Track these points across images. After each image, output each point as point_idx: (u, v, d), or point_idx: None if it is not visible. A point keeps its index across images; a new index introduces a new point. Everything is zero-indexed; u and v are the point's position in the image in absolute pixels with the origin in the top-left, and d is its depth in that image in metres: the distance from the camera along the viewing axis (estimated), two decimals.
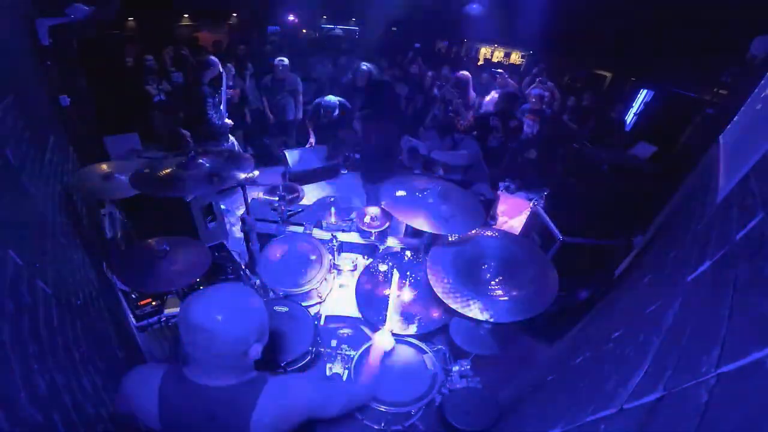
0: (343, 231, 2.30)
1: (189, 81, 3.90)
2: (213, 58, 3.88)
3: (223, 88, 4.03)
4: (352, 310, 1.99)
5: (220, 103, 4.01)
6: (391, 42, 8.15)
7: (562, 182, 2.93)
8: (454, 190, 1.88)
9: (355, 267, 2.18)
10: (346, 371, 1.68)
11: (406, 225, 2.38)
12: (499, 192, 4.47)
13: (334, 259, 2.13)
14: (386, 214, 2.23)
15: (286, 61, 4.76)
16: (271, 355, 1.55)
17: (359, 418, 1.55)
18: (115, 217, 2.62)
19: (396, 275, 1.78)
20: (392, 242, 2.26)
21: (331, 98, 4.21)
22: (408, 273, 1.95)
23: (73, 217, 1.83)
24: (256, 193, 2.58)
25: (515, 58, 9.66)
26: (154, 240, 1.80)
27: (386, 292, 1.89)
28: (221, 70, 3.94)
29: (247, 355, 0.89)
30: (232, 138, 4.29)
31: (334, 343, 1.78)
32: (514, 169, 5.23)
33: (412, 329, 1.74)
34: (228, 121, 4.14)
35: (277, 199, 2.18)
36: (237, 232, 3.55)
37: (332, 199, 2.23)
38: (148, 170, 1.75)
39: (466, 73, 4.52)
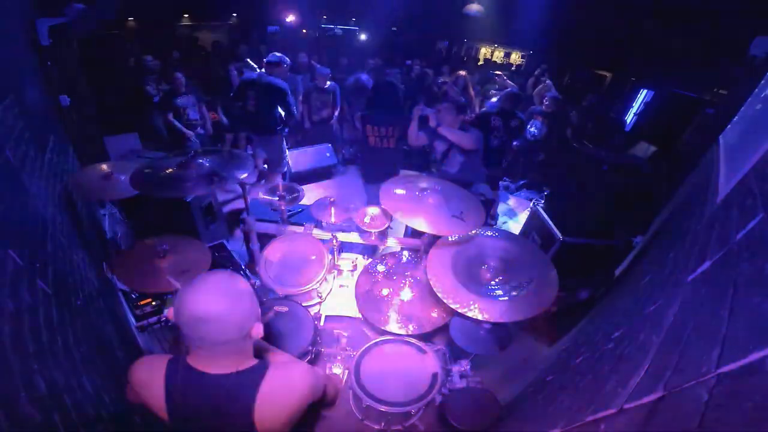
0: (343, 231, 2.30)
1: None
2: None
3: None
4: (352, 310, 1.99)
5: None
6: (391, 42, 8.17)
7: (562, 182, 2.92)
8: (455, 190, 1.88)
9: (355, 267, 2.18)
10: (346, 371, 1.68)
11: (407, 225, 2.38)
12: (499, 192, 4.48)
13: (334, 260, 2.13)
14: (386, 214, 2.23)
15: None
16: None
17: (359, 418, 1.55)
18: (115, 217, 2.62)
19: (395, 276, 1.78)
20: (392, 242, 2.26)
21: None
22: (408, 273, 1.95)
23: (73, 217, 1.83)
24: (256, 193, 2.59)
25: (515, 58, 9.66)
26: (154, 240, 1.80)
27: (385, 292, 1.89)
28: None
29: (251, 336, 0.92)
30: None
31: (333, 349, 1.78)
32: (518, 170, 5.24)
33: (412, 329, 1.74)
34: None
35: (277, 199, 2.18)
36: (237, 232, 3.55)
37: (332, 200, 2.22)
38: (148, 170, 1.75)
39: (463, 72, 4.58)
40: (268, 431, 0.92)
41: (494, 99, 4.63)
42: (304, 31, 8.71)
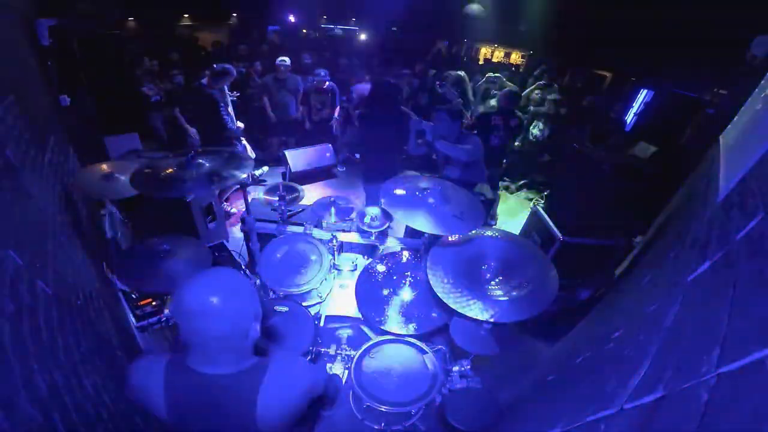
0: (343, 231, 2.30)
1: (202, 87, 3.84)
2: (230, 66, 3.90)
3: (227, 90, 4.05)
4: (352, 310, 1.99)
5: (228, 106, 4.04)
6: (391, 42, 8.17)
7: (562, 182, 2.93)
8: (455, 190, 1.88)
9: (355, 267, 2.18)
10: (346, 371, 1.68)
11: (406, 225, 2.38)
12: (498, 192, 4.48)
13: (334, 259, 2.13)
14: (386, 214, 2.23)
15: (288, 61, 4.79)
16: None
17: (359, 418, 1.55)
18: (115, 217, 2.62)
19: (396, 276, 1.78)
20: (392, 242, 2.26)
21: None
22: (408, 273, 1.95)
23: (73, 217, 1.83)
24: (256, 193, 2.59)
25: (515, 58, 9.65)
26: (154, 240, 1.80)
27: (385, 292, 1.89)
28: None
29: (248, 336, 0.90)
30: (243, 141, 4.30)
31: (333, 349, 1.78)
32: (518, 170, 5.25)
33: (412, 329, 1.74)
34: (239, 124, 4.16)
35: (277, 199, 2.18)
36: (237, 232, 3.55)
37: (332, 199, 2.23)
38: (148, 170, 1.75)
39: (462, 72, 4.60)
40: (270, 430, 0.92)
41: (494, 101, 4.67)
42: (304, 31, 8.71)
